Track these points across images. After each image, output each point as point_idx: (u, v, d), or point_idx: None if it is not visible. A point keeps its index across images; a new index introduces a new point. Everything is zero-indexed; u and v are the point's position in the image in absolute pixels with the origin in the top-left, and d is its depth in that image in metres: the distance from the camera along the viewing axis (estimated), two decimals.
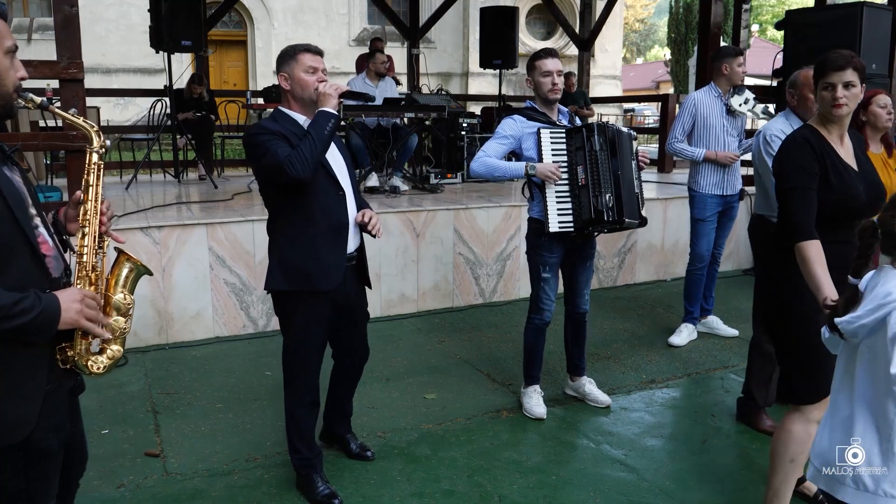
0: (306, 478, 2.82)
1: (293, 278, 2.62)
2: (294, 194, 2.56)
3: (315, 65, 2.60)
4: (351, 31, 22.06)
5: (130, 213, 4.80)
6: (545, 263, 3.45)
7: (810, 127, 2.46)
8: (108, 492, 2.84)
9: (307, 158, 2.44)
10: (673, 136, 4.59)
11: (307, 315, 2.68)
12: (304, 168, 2.44)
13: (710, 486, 2.97)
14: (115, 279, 1.81)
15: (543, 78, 3.34)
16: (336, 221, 2.63)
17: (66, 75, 4.21)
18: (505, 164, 3.37)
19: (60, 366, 1.69)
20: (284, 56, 2.64)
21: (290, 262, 2.63)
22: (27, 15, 19.08)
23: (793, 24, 5.59)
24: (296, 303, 2.67)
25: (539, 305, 3.52)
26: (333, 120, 2.53)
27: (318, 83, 2.59)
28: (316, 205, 2.59)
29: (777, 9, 33.43)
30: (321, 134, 2.49)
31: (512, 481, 2.98)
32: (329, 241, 2.63)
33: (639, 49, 49.21)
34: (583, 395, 3.77)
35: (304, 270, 2.61)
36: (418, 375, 4.12)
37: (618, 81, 25.66)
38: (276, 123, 2.60)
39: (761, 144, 3.42)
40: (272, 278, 2.67)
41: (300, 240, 2.61)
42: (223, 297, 4.69)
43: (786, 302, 2.46)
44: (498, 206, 5.60)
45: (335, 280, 2.64)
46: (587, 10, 10.71)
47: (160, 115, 7.47)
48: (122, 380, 3.97)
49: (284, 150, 2.47)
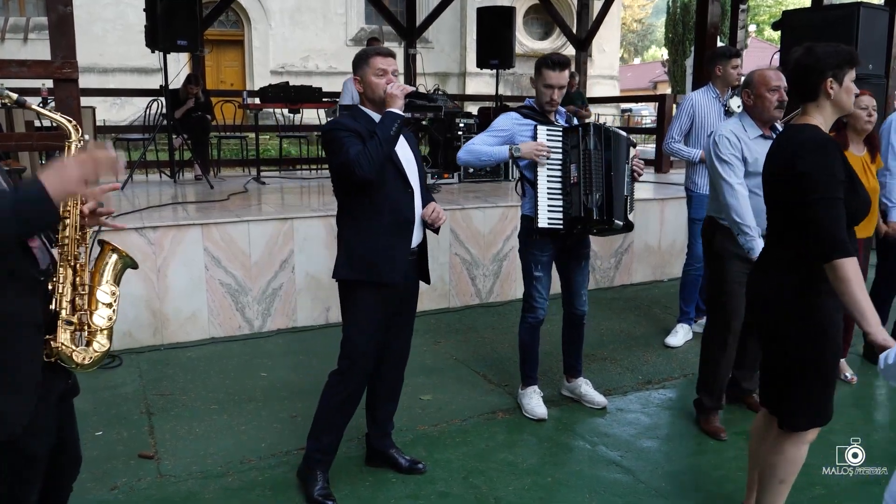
0: (311, 470, 2.81)
1: (359, 268, 2.69)
2: (364, 189, 2.62)
3: (385, 67, 2.67)
4: (348, 31, 22.03)
5: (125, 213, 4.77)
6: (537, 262, 3.45)
7: (817, 128, 2.25)
8: (102, 494, 2.82)
9: (373, 158, 2.53)
10: (670, 137, 4.59)
11: (367, 305, 2.72)
12: (370, 168, 2.52)
13: (707, 488, 2.96)
14: (99, 271, 1.81)
15: (545, 88, 3.37)
16: (403, 217, 2.71)
17: (60, 75, 4.20)
18: (490, 149, 3.39)
19: (45, 359, 1.68)
20: (358, 60, 2.74)
21: (356, 253, 2.70)
22: (24, 14, 19.02)
23: (790, 25, 5.60)
24: (358, 292, 2.72)
25: (532, 304, 3.52)
26: (399, 120, 2.60)
27: (387, 84, 2.65)
28: (385, 200, 2.66)
29: (774, 9, 33.47)
30: (387, 135, 2.56)
31: (507, 483, 2.97)
32: (395, 236, 2.69)
33: (636, 49, 49.24)
34: (579, 396, 3.76)
35: (370, 261, 2.67)
36: (414, 376, 4.08)
37: (615, 82, 25.66)
38: (354, 120, 2.68)
39: (711, 146, 3.29)
40: (339, 267, 2.74)
41: (368, 233, 2.68)
42: (218, 297, 4.68)
43: (798, 318, 2.28)
44: (494, 207, 5.59)
45: (399, 273, 2.70)
46: (584, 10, 10.71)
47: (156, 114, 7.44)
48: (117, 381, 3.95)
49: (356, 148, 2.55)
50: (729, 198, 3.18)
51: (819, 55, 2.22)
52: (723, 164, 3.22)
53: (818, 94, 2.24)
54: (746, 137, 3.22)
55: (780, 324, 2.32)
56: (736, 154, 3.21)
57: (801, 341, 2.28)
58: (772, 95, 3.18)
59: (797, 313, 2.28)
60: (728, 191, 3.18)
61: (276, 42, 20.89)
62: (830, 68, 2.21)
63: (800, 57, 2.26)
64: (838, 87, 2.23)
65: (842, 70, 2.21)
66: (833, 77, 2.21)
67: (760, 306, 2.41)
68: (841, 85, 2.22)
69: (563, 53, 3.67)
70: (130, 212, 4.89)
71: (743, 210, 3.14)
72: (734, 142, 3.22)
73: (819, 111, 2.26)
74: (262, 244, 4.73)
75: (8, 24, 18.63)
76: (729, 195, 3.18)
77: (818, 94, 2.24)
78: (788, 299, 2.29)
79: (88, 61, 16.43)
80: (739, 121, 3.30)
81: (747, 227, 3.11)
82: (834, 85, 2.22)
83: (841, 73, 2.22)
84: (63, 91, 4.24)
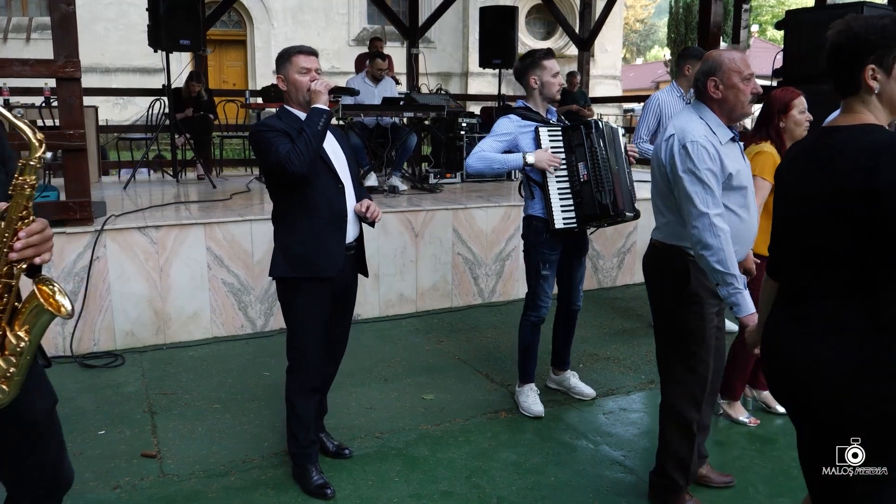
0: (301, 468, 2.87)
1: (296, 265, 2.73)
2: (295, 186, 2.67)
3: (308, 66, 2.70)
4: (350, 31, 22.05)
5: (128, 213, 4.78)
6: (546, 261, 3.48)
7: (883, 128, 1.63)
8: (104, 493, 2.82)
9: (303, 154, 2.56)
10: (638, 137, 4.57)
11: (308, 300, 2.76)
12: (301, 164, 2.56)
13: (709, 488, 2.95)
14: (21, 315, 1.58)
15: (553, 78, 3.45)
16: (336, 212, 2.74)
17: (62, 74, 4.19)
18: (502, 157, 3.42)
19: None
20: (280, 59, 2.76)
21: (293, 250, 2.74)
22: (26, 14, 19.05)
23: (793, 24, 5.57)
24: (298, 289, 2.76)
25: (537, 303, 3.55)
26: (325, 115, 2.64)
27: (311, 82, 2.70)
28: (317, 197, 2.70)
29: (777, 9, 33.43)
30: (315, 130, 2.60)
31: (510, 482, 2.96)
32: (329, 231, 2.73)
33: (639, 49, 49.19)
34: (567, 388, 3.83)
35: (307, 257, 2.72)
36: (417, 376, 4.10)
37: (617, 81, 25.65)
38: (280, 121, 2.73)
39: (677, 157, 2.38)
40: (276, 265, 2.78)
41: (302, 229, 2.72)
42: (221, 297, 4.68)
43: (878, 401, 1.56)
44: (497, 206, 5.58)
45: (336, 267, 2.74)
46: (587, 9, 10.68)
47: (158, 114, 7.45)
48: (119, 380, 3.95)
49: (285, 146, 2.59)
50: (706, 236, 2.31)
51: (857, 31, 1.61)
52: (696, 183, 2.34)
53: (858, 86, 1.63)
54: (718, 143, 2.41)
55: (843, 409, 1.59)
56: (714, 170, 2.35)
57: (879, 435, 1.57)
58: (746, 86, 2.43)
59: (875, 394, 1.55)
60: (704, 226, 2.32)
61: (278, 42, 20.86)
62: (872, 50, 1.59)
63: (834, 35, 1.66)
64: (885, 76, 1.60)
65: (891, 52, 1.58)
66: (877, 63, 1.59)
67: (812, 382, 1.64)
68: (890, 73, 1.60)
69: (564, 53, 3.72)
70: (133, 211, 4.89)
71: (727, 255, 2.31)
72: (712, 153, 2.36)
73: (867, 109, 1.64)
74: (265, 243, 4.73)
75: (11, 24, 18.66)
76: (706, 233, 2.31)
77: (858, 86, 1.63)
78: (861, 374, 1.56)
79: (91, 61, 16.44)
80: (701, 117, 2.45)
81: (733, 276, 2.32)
82: (879, 74, 1.60)
83: (889, 57, 1.59)
84: (65, 90, 4.24)
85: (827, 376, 1.60)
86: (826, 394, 1.61)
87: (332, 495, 2.80)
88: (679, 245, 2.53)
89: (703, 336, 2.56)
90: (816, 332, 1.63)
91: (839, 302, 1.60)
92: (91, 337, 4.35)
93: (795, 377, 1.67)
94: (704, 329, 2.55)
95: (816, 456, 1.68)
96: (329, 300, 2.80)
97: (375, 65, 6.88)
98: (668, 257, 2.59)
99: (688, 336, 2.56)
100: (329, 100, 2.68)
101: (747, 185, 2.52)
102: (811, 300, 1.66)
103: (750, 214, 2.55)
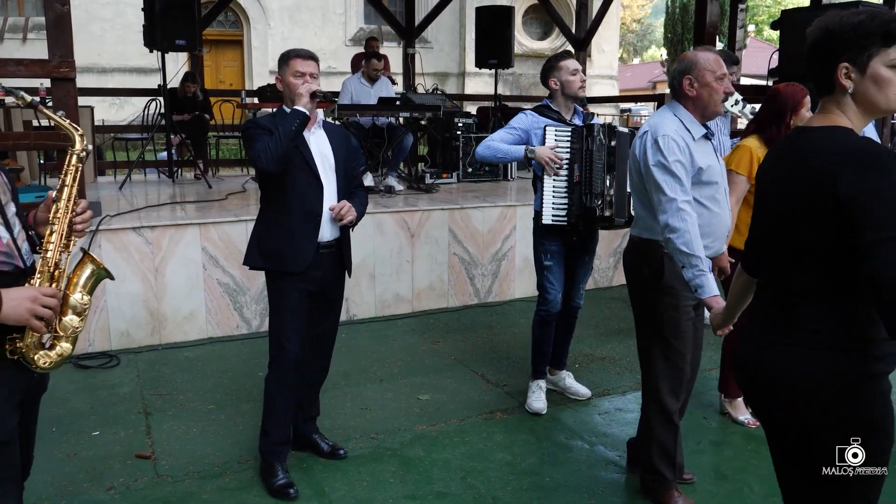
0: (269, 466, 2.88)
1: (266, 256, 2.83)
2: (273, 182, 2.77)
3: (303, 69, 2.77)
4: (347, 31, 22.02)
5: (123, 213, 4.77)
6: (546, 251, 3.56)
7: (852, 131, 1.55)
8: (98, 494, 2.81)
9: (272, 152, 2.64)
10: None
11: (282, 292, 2.82)
12: (268, 160, 2.65)
13: (705, 488, 2.95)
14: (76, 279, 1.84)
15: (572, 76, 3.50)
16: (309, 210, 2.79)
17: (57, 74, 4.18)
18: (507, 147, 3.51)
19: (8, 356, 1.69)
20: (279, 60, 2.85)
21: (264, 243, 2.84)
22: (22, 14, 19.00)
23: (788, 24, 5.57)
24: (273, 280, 2.86)
25: (545, 295, 3.59)
26: (301, 117, 2.70)
27: (301, 86, 2.76)
28: (292, 193, 2.77)
29: (773, 9, 33.48)
30: (288, 130, 2.67)
31: (506, 483, 2.96)
32: (301, 227, 2.78)
33: (635, 49, 49.23)
34: (562, 388, 3.84)
35: (276, 250, 2.80)
36: (412, 376, 4.10)
37: (614, 81, 25.67)
38: (272, 119, 2.78)
39: (649, 150, 2.51)
40: (250, 255, 2.89)
41: (275, 223, 2.81)
42: (216, 297, 4.67)
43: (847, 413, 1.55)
44: (493, 206, 5.58)
45: (303, 262, 2.78)
46: (583, 9, 10.68)
47: (154, 114, 7.44)
48: (114, 381, 3.94)
49: (262, 143, 2.68)
50: (673, 220, 2.42)
51: (831, 28, 1.52)
52: (665, 174, 2.46)
53: (832, 85, 1.55)
54: (690, 139, 2.52)
55: (816, 421, 1.57)
56: (683, 162, 2.47)
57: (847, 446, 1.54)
58: (719, 85, 2.52)
59: (842, 405, 1.54)
60: (672, 210, 2.43)
61: (274, 42, 20.84)
62: (846, 48, 1.51)
63: (811, 32, 1.58)
64: (859, 75, 1.52)
65: (865, 50, 1.50)
66: (850, 61, 1.51)
67: (781, 394, 1.62)
68: (864, 73, 1.51)
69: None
70: (129, 211, 4.88)
71: (692, 238, 2.40)
72: (682, 146, 2.48)
73: (842, 110, 1.56)
74: None
75: (7, 24, 18.61)
76: (673, 217, 2.42)
77: (832, 85, 1.55)
78: (830, 385, 1.54)
79: (87, 61, 16.41)
80: (677, 116, 2.57)
81: (697, 258, 2.40)
82: (853, 73, 1.52)
83: (864, 55, 1.50)
84: (60, 90, 4.23)
85: (804, 389, 1.56)
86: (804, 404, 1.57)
87: (294, 496, 2.79)
88: (654, 239, 2.62)
89: (679, 327, 2.64)
90: (795, 341, 1.59)
91: (817, 305, 1.56)
92: (86, 337, 4.33)
93: (774, 388, 1.64)
94: (680, 320, 2.64)
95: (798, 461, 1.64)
96: (305, 295, 2.82)
97: (371, 65, 6.88)
98: (645, 251, 2.67)
99: (664, 328, 2.65)
100: (309, 103, 2.72)
101: (718, 182, 2.61)
102: (788, 307, 1.61)
103: (721, 209, 2.63)
